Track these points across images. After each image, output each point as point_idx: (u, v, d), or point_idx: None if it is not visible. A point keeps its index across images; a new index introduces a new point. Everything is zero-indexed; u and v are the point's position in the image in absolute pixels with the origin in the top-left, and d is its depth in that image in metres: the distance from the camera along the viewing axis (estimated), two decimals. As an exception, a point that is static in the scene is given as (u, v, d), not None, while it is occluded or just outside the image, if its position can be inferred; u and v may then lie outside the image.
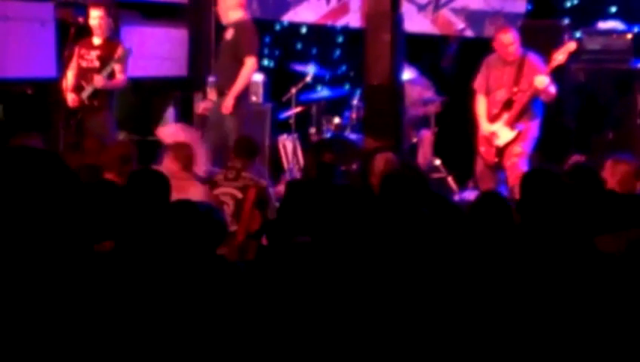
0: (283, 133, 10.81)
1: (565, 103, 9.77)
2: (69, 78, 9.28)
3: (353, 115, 10.45)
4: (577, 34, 10.12)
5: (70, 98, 9.19)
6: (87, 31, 9.39)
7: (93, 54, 9.28)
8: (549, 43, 9.41)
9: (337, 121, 10.56)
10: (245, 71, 9.16)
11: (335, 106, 10.99)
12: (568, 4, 10.97)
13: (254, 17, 11.91)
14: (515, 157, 8.82)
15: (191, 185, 7.03)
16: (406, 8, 10.19)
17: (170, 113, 11.85)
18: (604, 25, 10.05)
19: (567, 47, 8.81)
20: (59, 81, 9.42)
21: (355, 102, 10.47)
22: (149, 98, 11.95)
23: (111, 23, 9.58)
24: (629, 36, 9.81)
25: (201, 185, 7.30)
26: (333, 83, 11.57)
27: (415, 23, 11.18)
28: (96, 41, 9.34)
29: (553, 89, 8.80)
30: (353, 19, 11.45)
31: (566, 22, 10.38)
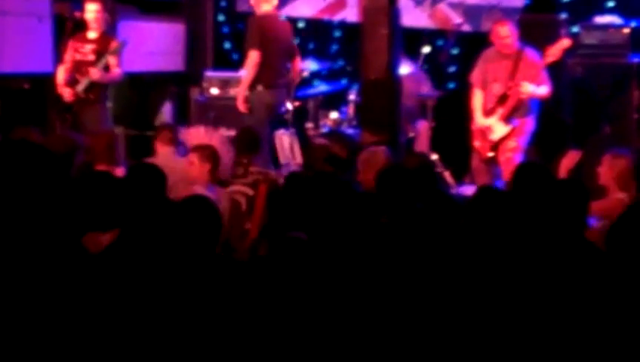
0: (280, 127, 10.80)
1: (562, 98, 9.77)
2: (62, 72, 9.27)
3: (350, 110, 10.45)
4: (575, 28, 10.11)
5: (66, 92, 9.18)
6: (84, 26, 9.39)
7: (88, 48, 9.28)
8: (547, 37, 9.42)
9: (335, 115, 10.57)
10: (247, 64, 9.32)
11: (332, 101, 10.99)
12: (565, -1, 10.98)
13: (252, 12, 11.95)
14: (509, 152, 8.83)
15: (217, 191, 6.89)
16: (403, 3, 10.17)
17: (167, 108, 11.86)
18: (602, 19, 10.04)
19: (561, 43, 8.84)
20: (54, 76, 9.43)
21: (352, 97, 10.47)
22: (146, 93, 11.96)
23: (107, 18, 9.58)
24: (627, 31, 9.80)
25: (223, 190, 7.20)
26: (330, 78, 11.56)
27: (412, 17, 11.18)
28: (92, 35, 9.34)
29: (543, 90, 8.83)
30: (350, 13, 11.44)
31: (563, 16, 10.37)
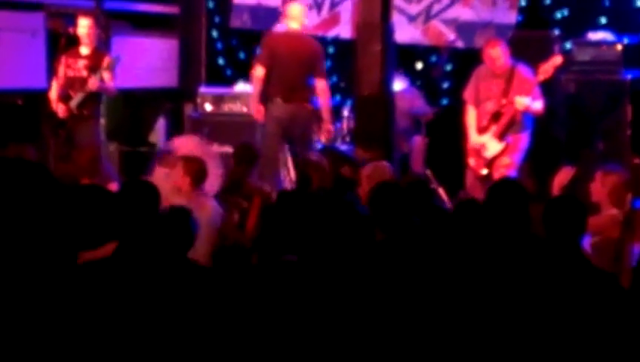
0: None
1: (555, 114, 9.78)
2: (55, 88, 9.28)
3: (344, 126, 10.44)
4: (567, 45, 10.14)
5: (59, 108, 9.18)
6: (77, 41, 9.40)
7: (81, 63, 9.28)
8: (540, 54, 9.43)
9: (328, 131, 10.55)
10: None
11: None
12: (558, 16, 11.00)
13: (245, 28, 11.97)
14: (503, 169, 8.83)
15: (201, 202, 6.87)
16: (396, 19, 10.20)
17: (160, 124, 11.85)
18: (594, 36, 10.06)
19: (554, 61, 8.84)
20: (48, 92, 9.43)
21: (345, 113, 10.47)
22: (140, 109, 11.96)
23: (100, 33, 9.59)
24: (619, 47, 9.82)
25: (212, 201, 7.18)
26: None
27: (406, 33, 11.19)
28: (84, 50, 9.34)
29: (538, 105, 8.85)
30: (344, 30, 11.45)
31: (556, 33, 10.41)
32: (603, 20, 10.67)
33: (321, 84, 9.38)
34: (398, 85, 9.97)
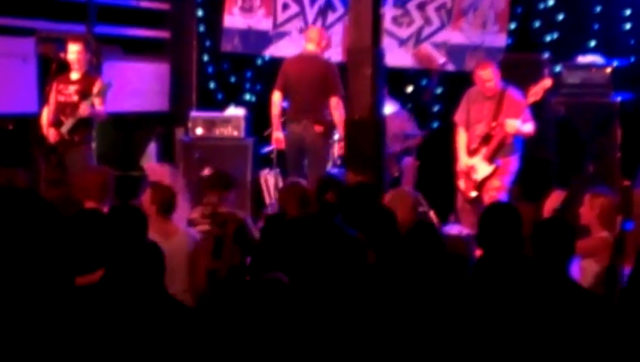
0: (265, 167, 10.81)
1: (546, 137, 9.81)
2: (46, 114, 9.28)
3: (334, 150, 10.45)
4: (557, 68, 10.18)
5: (51, 133, 9.18)
6: (68, 66, 9.40)
7: (72, 89, 9.28)
8: (530, 77, 9.47)
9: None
10: None
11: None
12: (548, 39, 11.05)
13: (236, 52, 12.01)
14: (493, 191, 8.85)
15: (169, 230, 6.71)
16: (387, 42, 10.24)
17: (152, 148, 11.85)
18: (584, 59, 10.10)
19: (544, 83, 8.89)
20: (39, 117, 9.43)
21: (336, 137, 10.48)
22: (131, 133, 11.96)
23: (91, 58, 9.59)
24: (609, 70, 9.86)
25: (183, 228, 7.11)
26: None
27: (396, 57, 11.24)
28: (75, 75, 9.35)
29: (528, 128, 8.88)
30: (334, 53, 11.45)
31: (546, 56, 10.45)
32: (592, 43, 10.73)
33: (333, 101, 9.73)
34: (389, 108, 9.99)
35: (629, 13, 10.68)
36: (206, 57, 12.31)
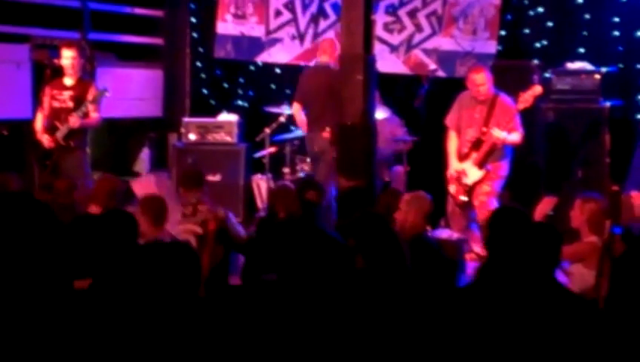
0: (257, 172, 10.87)
1: (535, 142, 9.88)
2: (40, 119, 9.32)
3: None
4: (547, 74, 10.25)
5: (45, 139, 9.21)
6: (62, 72, 9.43)
7: (66, 95, 9.30)
8: (519, 83, 9.53)
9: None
10: None
11: (309, 146, 11.04)
12: (538, 45, 11.11)
13: (229, 58, 12.07)
14: (483, 196, 8.92)
15: (165, 238, 6.65)
16: (378, 49, 10.33)
17: (145, 153, 11.90)
18: (573, 65, 10.16)
19: (534, 90, 8.92)
20: (33, 122, 9.46)
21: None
22: (125, 138, 12.01)
23: (85, 64, 9.63)
24: (597, 76, 9.92)
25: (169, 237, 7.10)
26: (307, 123, 11.62)
27: (387, 63, 11.32)
28: (68, 81, 9.37)
29: (515, 137, 8.93)
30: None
31: (535, 62, 10.51)
32: (581, 50, 10.80)
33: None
34: (380, 114, 10.05)
35: (617, 20, 10.75)
36: (199, 64, 12.37)
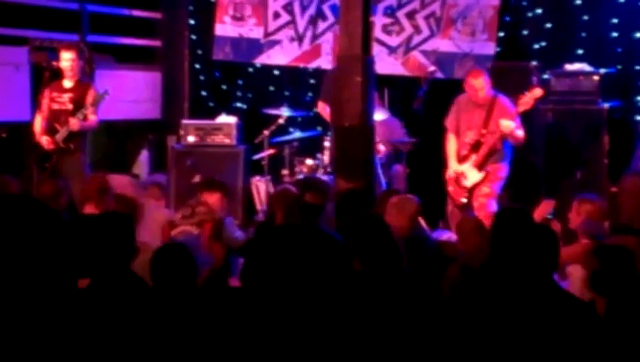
0: (256, 174, 10.87)
1: (534, 144, 9.88)
2: (39, 122, 9.32)
3: (326, 157, 10.52)
4: (545, 75, 10.26)
5: (45, 140, 9.20)
6: (61, 74, 9.43)
7: (66, 97, 9.30)
8: (518, 84, 9.54)
9: (310, 162, 10.64)
10: None
11: (308, 148, 11.06)
12: (536, 47, 11.13)
13: (228, 60, 12.07)
14: (483, 198, 8.92)
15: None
16: (377, 50, 10.34)
17: (144, 155, 11.91)
18: (572, 67, 10.18)
19: (534, 93, 8.92)
20: (32, 125, 9.47)
21: (327, 144, 10.55)
22: (123, 140, 12.02)
23: (83, 66, 9.63)
24: (596, 78, 9.93)
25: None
26: (305, 125, 11.64)
27: (386, 65, 11.33)
28: (68, 83, 9.36)
29: (520, 133, 8.93)
30: (325, 62, 11.56)
31: (534, 64, 10.52)
32: (580, 52, 10.81)
33: None
34: (379, 115, 10.06)
35: (615, 21, 10.76)
36: (198, 66, 12.37)
